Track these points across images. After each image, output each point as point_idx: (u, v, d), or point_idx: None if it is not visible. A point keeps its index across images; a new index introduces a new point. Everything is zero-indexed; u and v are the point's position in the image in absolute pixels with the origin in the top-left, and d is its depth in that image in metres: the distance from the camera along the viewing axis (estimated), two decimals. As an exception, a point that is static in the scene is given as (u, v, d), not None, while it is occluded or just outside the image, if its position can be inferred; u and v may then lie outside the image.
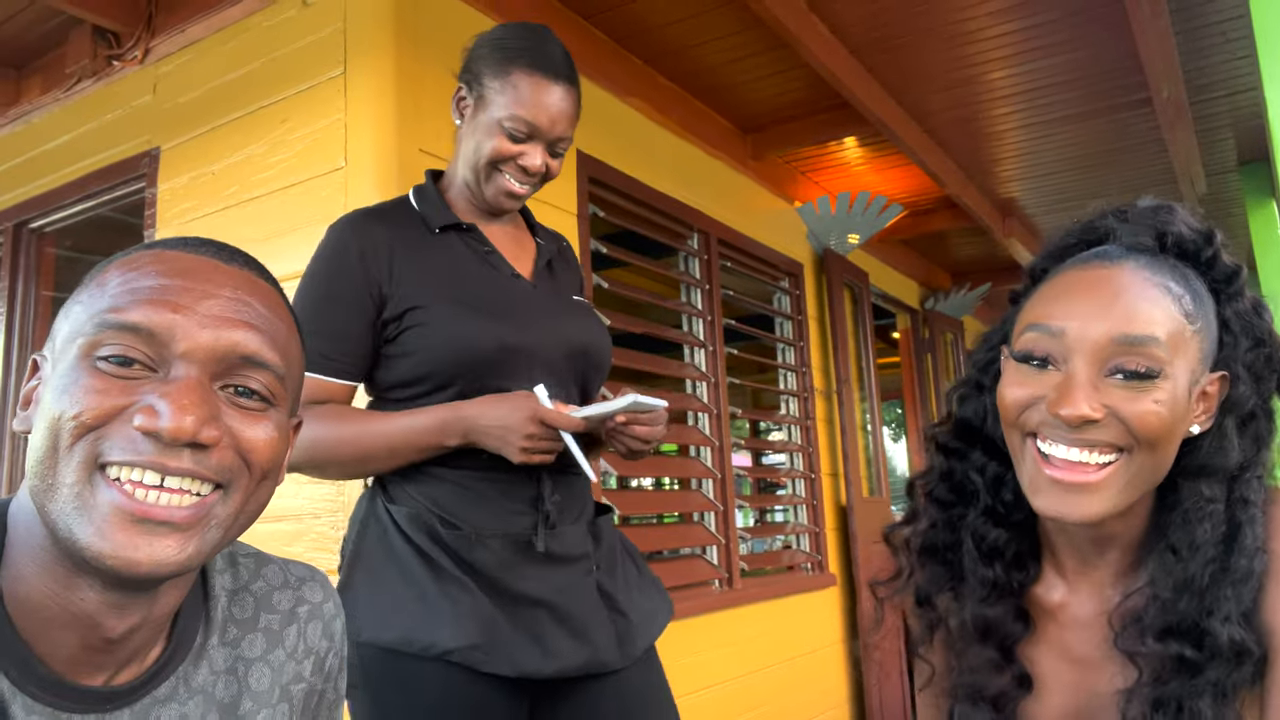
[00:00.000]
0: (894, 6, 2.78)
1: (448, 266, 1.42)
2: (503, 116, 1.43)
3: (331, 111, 2.17)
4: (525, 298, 1.46)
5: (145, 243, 0.73)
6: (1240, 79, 3.40)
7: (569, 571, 1.40)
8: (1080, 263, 0.83)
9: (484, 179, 1.46)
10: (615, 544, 1.53)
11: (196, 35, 2.51)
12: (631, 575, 1.52)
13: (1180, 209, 0.86)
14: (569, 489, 1.44)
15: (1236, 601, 0.77)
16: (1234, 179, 4.47)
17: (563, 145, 1.47)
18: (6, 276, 3.01)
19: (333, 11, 2.21)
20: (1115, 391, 0.77)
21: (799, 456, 3.90)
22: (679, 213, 3.22)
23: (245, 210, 2.31)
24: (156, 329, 0.65)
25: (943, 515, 0.94)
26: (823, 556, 3.85)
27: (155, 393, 0.64)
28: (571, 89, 1.47)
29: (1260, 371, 0.84)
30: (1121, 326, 0.77)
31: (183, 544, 0.64)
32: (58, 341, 0.68)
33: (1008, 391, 0.83)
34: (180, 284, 0.67)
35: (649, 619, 1.49)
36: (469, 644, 1.28)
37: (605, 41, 2.90)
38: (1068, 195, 4.54)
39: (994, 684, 0.88)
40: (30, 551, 0.66)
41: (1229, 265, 0.85)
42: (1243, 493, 0.81)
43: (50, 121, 2.94)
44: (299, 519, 2.06)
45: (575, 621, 1.36)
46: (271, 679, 0.80)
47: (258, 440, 0.68)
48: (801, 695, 3.53)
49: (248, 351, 0.68)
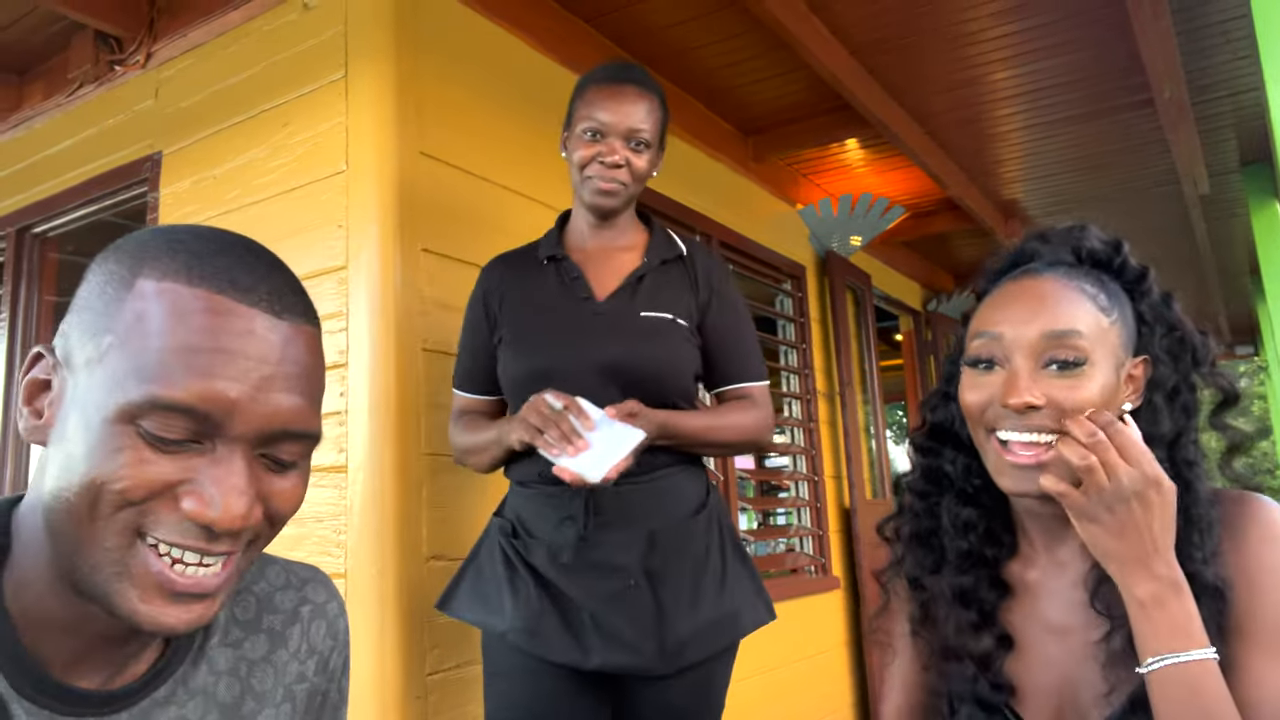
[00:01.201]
0: (895, 8, 2.78)
1: (535, 297, 1.68)
2: (580, 126, 1.65)
3: (333, 115, 2.17)
4: (584, 321, 1.63)
5: (177, 242, 0.66)
6: (1242, 79, 3.39)
7: (609, 581, 1.55)
8: (1012, 278, 0.99)
9: (581, 188, 1.67)
10: (687, 550, 1.59)
11: (198, 40, 2.51)
12: (707, 584, 1.58)
13: (1092, 227, 1.01)
14: (621, 501, 1.57)
15: (1202, 546, 0.89)
16: (1236, 179, 4.46)
17: (641, 138, 1.64)
18: (9, 281, 3.02)
19: (334, 15, 2.21)
20: (1052, 381, 0.91)
21: (802, 459, 3.90)
22: (680, 215, 3.21)
23: (247, 214, 2.31)
24: (212, 413, 0.62)
25: (923, 504, 1.08)
26: (826, 559, 3.84)
27: (204, 473, 0.62)
28: (642, 90, 1.65)
29: (1176, 352, 0.97)
30: (1048, 324, 0.92)
31: (209, 607, 0.65)
32: (76, 357, 0.64)
33: (966, 395, 0.98)
34: (232, 347, 0.62)
35: (712, 629, 1.56)
36: (520, 628, 1.55)
37: (606, 44, 2.90)
38: (1070, 196, 4.53)
39: (976, 644, 0.99)
40: (36, 566, 0.65)
41: (1137, 268, 1.00)
42: (1184, 455, 0.94)
43: (52, 126, 2.95)
44: (302, 523, 2.06)
45: (614, 628, 1.53)
46: (274, 679, 0.80)
47: (287, 499, 0.68)
48: (806, 699, 3.52)
49: (294, 427, 0.66)
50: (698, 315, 1.68)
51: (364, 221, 2.05)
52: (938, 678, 1.04)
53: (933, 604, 1.04)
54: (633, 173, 1.64)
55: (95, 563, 0.62)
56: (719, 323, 1.69)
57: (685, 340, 1.65)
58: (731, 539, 1.68)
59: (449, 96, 2.23)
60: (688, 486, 1.64)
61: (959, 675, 1.00)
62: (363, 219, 2.06)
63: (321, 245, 2.12)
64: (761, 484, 4.47)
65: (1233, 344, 8.51)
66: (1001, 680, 0.98)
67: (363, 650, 1.85)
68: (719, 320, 1.69)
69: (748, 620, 1.63)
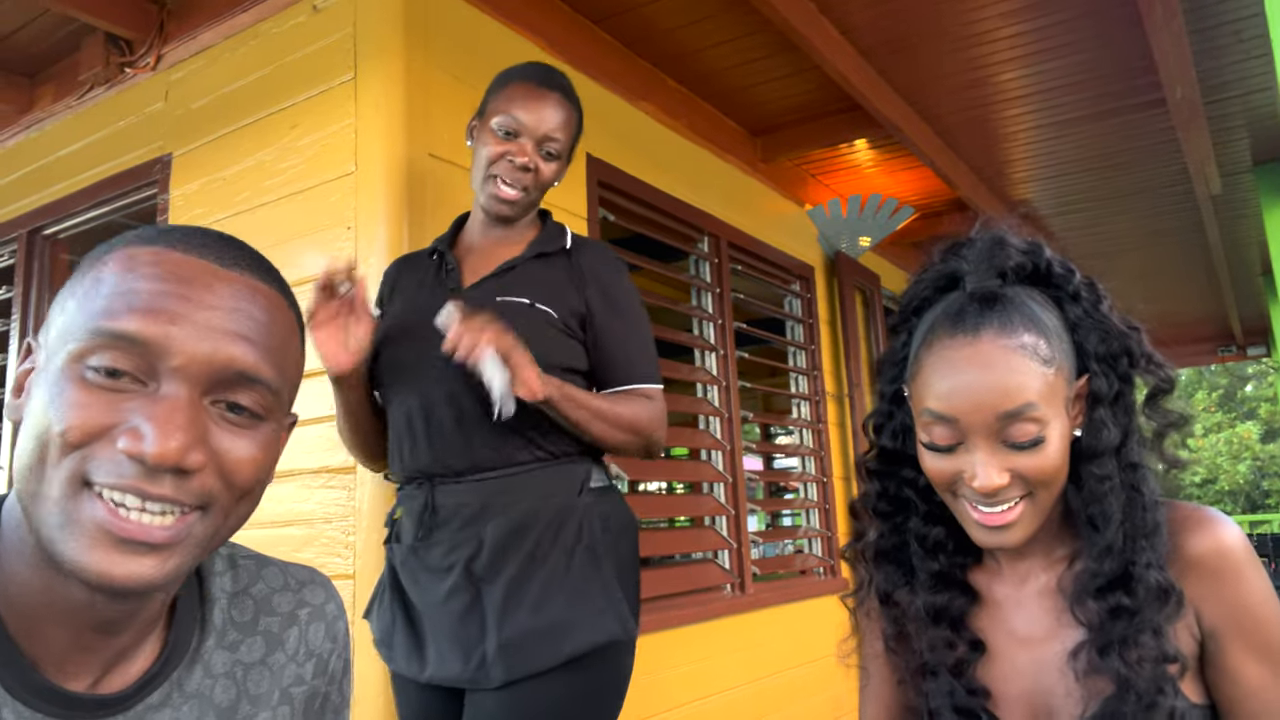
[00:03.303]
0: (904, 8, 2.77)
1: (411, 292, 1.66)
2: (494, 120, 1.59)
3: (342, 116, 2.17)
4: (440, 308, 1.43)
5: (147, 231, 0.71)
6: (1255, 78, 3.37)
7: (439, 584, 1.47)
8: (947, 335, 0.95)
9: (481, 187, 1.61)
10: (518, 549, 1.44)
11: (208, 42, 2.52)
12: (532, 588, 1.42)
13: (1007, 236, 1.00)
14: (461, 497, 1.49)
15: (1152, 550, 0.91)
16: (1249, 179, 4.44)
17: (552, 147, 1.59)
18: (20, 283, 3.03)
19: (343, 17, 2.22)
20: (1012, 457, 0.91)
21: (811, 460, 3.89)
22: (689, 216, 3.21)
23: (256, 215, 2.32)
24: (149, 340, 0.63)
25: (887, 525, 1.08)
26: (835, 560, 3.83)
27: (142, 412, 0.62)
28: (562, 99, 1.61)
29: (1114, 353, 0.96)
30: (1000, 404, 0.90)
31: (160, 563, 0.64)
32: (51, 334, 0.66)
33: (930, 472, 0.97)
34: (177, 290, 0.65)
35: (535, 640, 1.39)
36: (378, 639, 1.55)
37: (614, 45, 2.90)
38: (1080, 197, 4.51)
39: (950, 656, 1.01)
40: (19, 549, 0.66)
41: (1060, 271, 0.98)
42: (1130, 459, 0.95)
43: (63, 128, 2.96)
44: (310, 523, 2.06)
45: (443, 636, 1.45)
46: (271, 682, 0.80)
47: (241, 461, 0.67)
48: (815, 700, 3.50)
49: (243, 367, 0.66)
50: (581, 310, 1.57)
51: (373, 223, 2.06)
52: (914, 694, 1.05)
53: (905, 620, 1.05)
54: (538, 179, 1.59)
55: (46, 516, 0.62)
56: (605, 322, 1.58)
57: (548, 326, 1.52)
58: (590, 542, 1.47)
59: (458, 98, 2.22)
60: (548, 484, 1.49)
61: (936, 689, 1.01)
62: (372, 220, 2.06)
63: (331, 247, 2.12)
64: (770, 485, 4.47)
65: (1245, 345, 8.45)
66: (976, 686, 1.00)
67: (369, 653, 1.85)
68: (605, 319, 1.58)
69: (585, 633, 1.39)
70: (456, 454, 1.50)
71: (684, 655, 2.79)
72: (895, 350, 1.07)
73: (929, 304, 1.02)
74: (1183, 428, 0.99)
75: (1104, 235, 5.12)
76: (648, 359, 1.61)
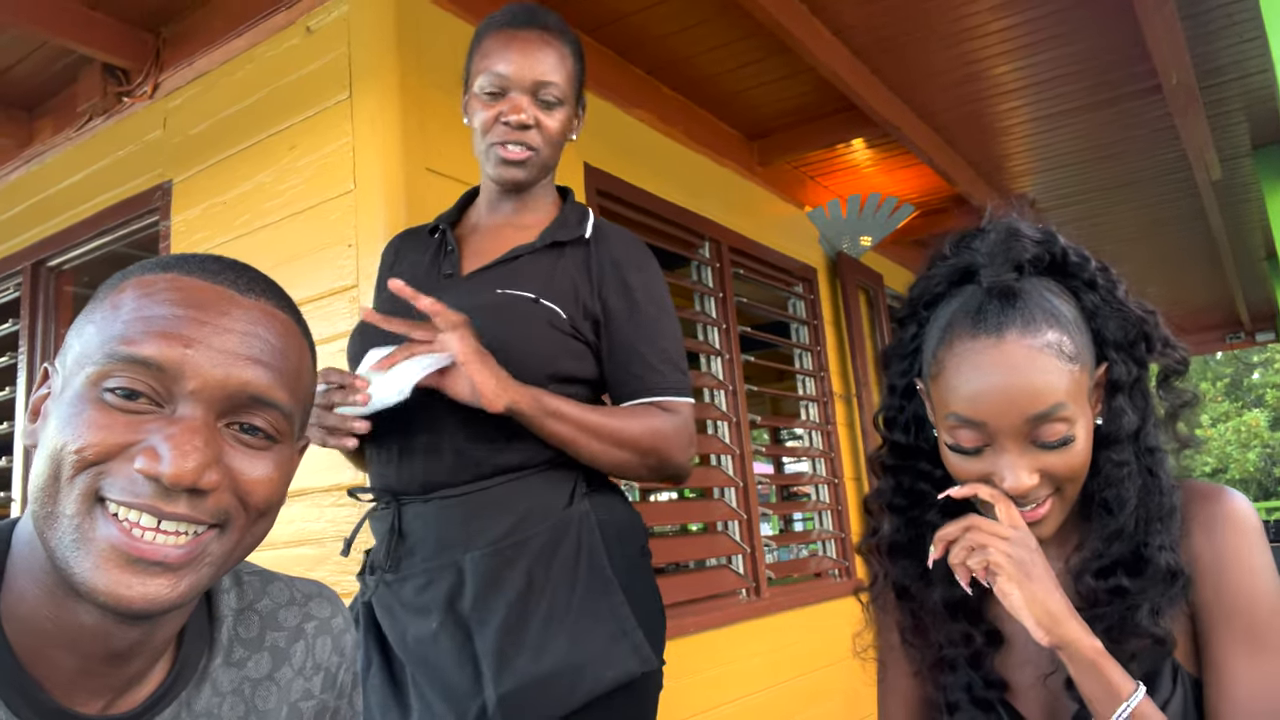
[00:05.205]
0: (895, 6, 2.77)
1: (407, 274, 1.43)
2: (478, 83, 1.40)
3: (339, 135, 2.18)
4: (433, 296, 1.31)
5: (164, 259, 0.72)
6: (1251, 61, 3.37)
7: (417, 625, 1.26)
8: (969, 335, 0.92)
9: (485, 159, 1.42)
10: (506, 583, 1.24)
11: (204, 68, 2.54)
12: (534, 630, 1.22)
13: (1020, 226, 0.98)
14: (429, 518, 1.28)
15: (1166, 533, 0.91)
16: (1248, 163, 4.42)
17: (549, 94, 1.38)
18: (26, 315, 3.04)
19: (336, 37, 2.23)
20: (1042, 456, 0.91)
21: (821, 462, 3.88)
22: (689, 222, 3.21)
23: (258, 238, 2.32)
24: (166, 364, 0.64)
25: (902, 519, 1.06)
26: (849, 562, 3.81)
27: (159, 433, 0.63)
28: (546, 35, 1.40)
29: (1132, 339, 0.96)
30: (1030, 408, 0.88)
31: (175, 583, 0.64)
32: (68, 359, 0.67)
33: (958, 474, 0.96)
34: (194, 316, 0.66)
35: (540, 689, 1.20)
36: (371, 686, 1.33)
37: (608, 54, 2.91)
38: (1080, 188, 4.50)
39: (968, 648, 1.01)
40: (31, 573, 0.66)
41: (1075, 260, 0.97)
42: (1148, 444, 0.95)
43: (63, 160, 2.98)
44: (320, 543, 2.06)
45: (427, 682, 1.25)
46: (279, 697, 0.79)
47: (257, 481, 0.68)
48: (832, 704, 3.48)
49: (257, 391, 0.67)
50: (596, 310, 1.36)
51: (374, 240, 2.06)
52: (932, 687, 1.05)
53: (923, 613, 1.04)
54: (543, 134, 1.38)
55: (60, 536, 0.62)
56: (623, 324, 1.36)
57: (551, 326, 1.33)
58: (593, 560, 1.28)
59: (454, 112, 2.22)
60: (534, 498, 1.28)
61: (954, 683, 1.01)
62: (373, 237, 2.06)
63: (332, 265, 2.13)
64: (781, 488, 4.45)
65: (1254, 331, 8.41)
66: (994, 677, 1.00)
67: (387, 668, 1.84)
68: (623, 321, 1.36)
69: (600, 673, 1.21)
70: (424, 465, 1.30)
71: (702, 661, 2.77)
72: (904, 342, 1.05)
73: (941, 298, 1.00)
74: (1195, 406, 0.99)
75: (1105, 226, 5.11)
76: (671, 366, 1.37)
